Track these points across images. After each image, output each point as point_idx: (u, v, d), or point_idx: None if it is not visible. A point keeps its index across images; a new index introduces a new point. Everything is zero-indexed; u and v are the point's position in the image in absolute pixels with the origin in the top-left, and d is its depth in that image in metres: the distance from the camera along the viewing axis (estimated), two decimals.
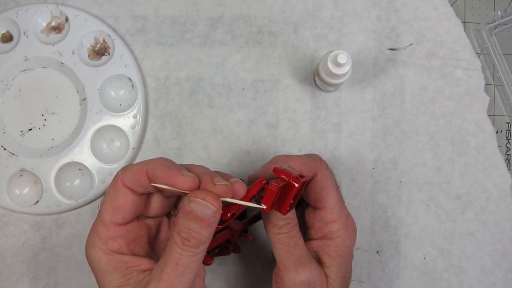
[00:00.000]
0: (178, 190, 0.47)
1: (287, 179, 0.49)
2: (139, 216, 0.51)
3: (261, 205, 0.48)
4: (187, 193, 0.46)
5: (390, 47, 0.69)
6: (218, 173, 0.50)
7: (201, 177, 0.47)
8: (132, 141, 0.67)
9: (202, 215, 0.45)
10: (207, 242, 0.46)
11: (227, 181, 0.47)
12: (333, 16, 0.69)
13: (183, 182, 0.46)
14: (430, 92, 0.68)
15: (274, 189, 0.47)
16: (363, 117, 0.68)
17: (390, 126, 0.68)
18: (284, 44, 0.69)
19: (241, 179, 0.50)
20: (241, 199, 0.48)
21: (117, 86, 0.68)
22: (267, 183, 0.49)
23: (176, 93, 0.68)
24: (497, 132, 0.70)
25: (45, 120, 0.68)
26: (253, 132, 0.68)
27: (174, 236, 0.46)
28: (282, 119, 0.68)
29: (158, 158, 0.49)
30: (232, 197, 0.47)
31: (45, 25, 0.68)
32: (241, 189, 0.48)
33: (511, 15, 0.68)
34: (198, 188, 0.47)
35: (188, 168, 0.49)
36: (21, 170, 0.67)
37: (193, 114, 0.68)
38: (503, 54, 0.69)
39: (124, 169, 0.48)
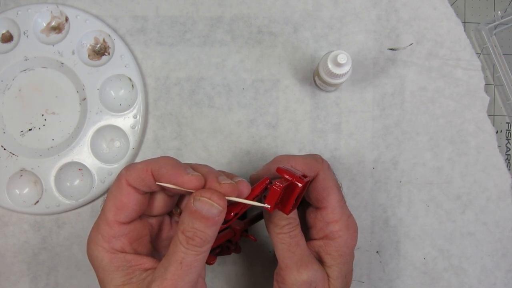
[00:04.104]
0: (184, 189, 0.47)
1: (290, 179, 0.49)
2: (142, 215, 0.51)
3: (265, 204, 0.48)
4: (192, 192, 0.46)
5: (390, 47, 0.69)
6: (222, 172, 0.50)
7: (207, 176, 0.47)
8: (132, 141, 0.67)
9: (207, 214, 0.45)
10: (211, 241, 0.46)
11: (231, 180, 0.47)
12: (333, 16, 0.69)
13: (189, 181, 0.46)
14: (430, 92, 0.68)
15: (278, 189, 0.47)
16: (363, 117, 0.68)
17: (390, 126, 0.68)
18: (284, 44, 0.69)
19: None
20: (244, 199, 0.48)
21: (117, 86, 0.67)
22: (270, 182, 0.49)
23: (176, 93, 0.68)
24: (497, 132, 0.70)
25: (45, 120, 0.68)
26: (253, 132, 0.68)
27: (178, 235, 0.46)
28: (282, 119, 0.68)
29: (162, 157, 0.49)
30: (236, 196, 0.47)
31: (45, 25, 0.68)
32: (246, 188, 0.48)
33: (511, 15, 0.68)
34: (204, 187, 0.47)
35: (193, 167, 0.49)
36: (21, 170, 0.67)
37: (193, 114, 0.68)
38: (503, 54, 0.69)
39: (128, 168, 0.48)
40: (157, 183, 0.48)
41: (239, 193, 0.47)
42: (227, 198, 0.46)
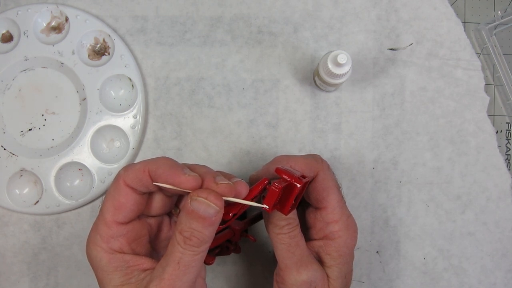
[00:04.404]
0: (181, 189, 0.47)
1: (289, 179, 0.48)
2: (141, 215, 0.51)
3: (263, 205, 0.48)
4: (189, 192, 0.46)
5: (390, 47, 0.69)
6: (220, 173, 0.50)
7: (204, 177, 0.47)
8: (132, 141, 0.67)
9: (204, 214, 0.45)
10: (209, 241, 0.46)
11: (229, 181, 0.47)
12: (333, 16, 0.69)
13: (186, 181, 0.46)
14: (430, 92, 0.68)
15: (277, 190, 0.47)
16: (363, 117, 0.68)
17: (390, 126, 0.68)
18: (284, 44, 0.69)
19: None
20: (243, 199, 0.48)
21: (117, 86, 0.67)
22: (269, 183, 0.49)
23: (176, 93, 0.68)
24: (497, 132, 0.70)
25: (45, 120, 0.68)
26: (253, 132, 0.68)
27: (176, 235, 0.46)
28: (282, 119, 0.68)
29: (160, 157, 0.49)
30: (234, 197, 0.47)
31: (45, 25, 0.68)
32: (243, 189, 0.48)
33: (511, 15, 0.68)
34: (201, 187, 0.47)
35: (191, 167, 0.49)
36: (21, 170, 0.67)
37: (193, 114, 0.68)
38: (503, 54, 0.69)
39: (126, 168, 0.48)
40: (154, 183, 0.48)
41: (237, 194, 0.47)
42: (225, 198, 0.46)
